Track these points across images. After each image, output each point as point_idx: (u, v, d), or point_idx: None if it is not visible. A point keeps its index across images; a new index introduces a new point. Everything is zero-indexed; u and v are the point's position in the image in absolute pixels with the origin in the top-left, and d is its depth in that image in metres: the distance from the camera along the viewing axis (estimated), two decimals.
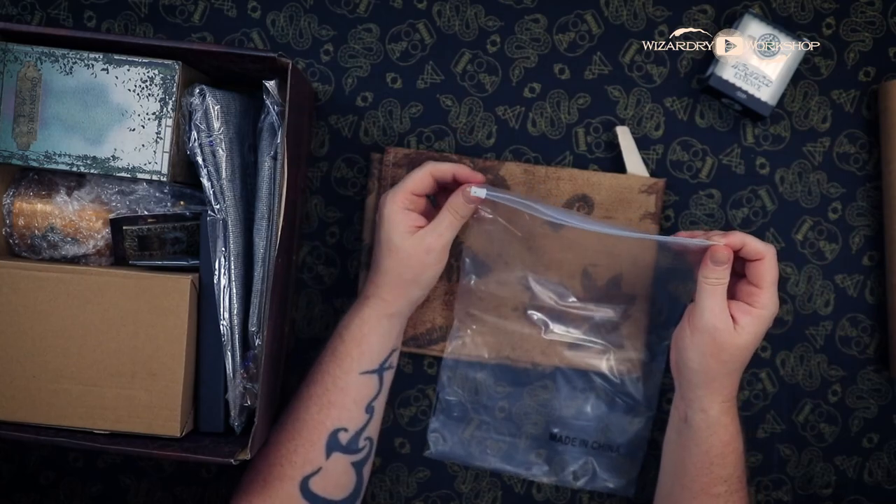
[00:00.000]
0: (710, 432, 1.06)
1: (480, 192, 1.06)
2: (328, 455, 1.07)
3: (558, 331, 1.19)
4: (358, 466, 1.09)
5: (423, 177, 1.08)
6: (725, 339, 1.03)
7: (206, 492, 1.23)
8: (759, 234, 1.21)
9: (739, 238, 1.03)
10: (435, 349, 1.21)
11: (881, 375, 1.22)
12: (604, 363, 1.20)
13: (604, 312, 1.18)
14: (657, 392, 1.19)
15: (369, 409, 1.09)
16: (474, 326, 1.19)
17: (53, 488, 1.23)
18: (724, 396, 1.06)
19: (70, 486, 1.23)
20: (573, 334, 1.19)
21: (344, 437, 1.07)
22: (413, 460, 1.23)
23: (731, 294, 1.06)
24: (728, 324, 1.03)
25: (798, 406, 1.22)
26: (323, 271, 1.23)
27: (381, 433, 1.20)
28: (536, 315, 1.20)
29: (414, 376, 1.23)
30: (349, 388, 1.08)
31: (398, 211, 1.07)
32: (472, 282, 1.19)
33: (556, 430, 1.20)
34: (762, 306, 1.03)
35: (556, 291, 1.19)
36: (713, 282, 1.03)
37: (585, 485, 1.20)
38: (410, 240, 1.07)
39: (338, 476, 1.08)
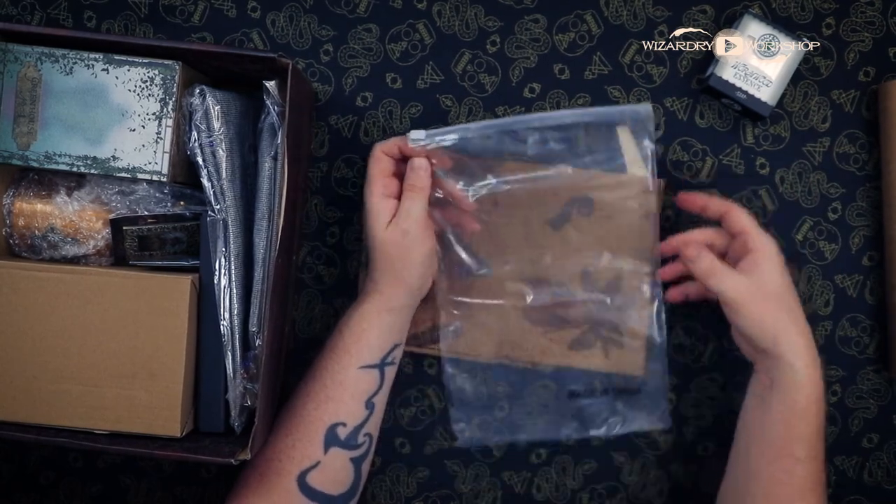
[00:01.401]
0: (797, 388, 1.04)
1: (419, 135, 1.07)
2: (326, 450, 1.07)
3: (558, 330, 1.19)
4: (356, 462, 1.09)
5: (377, 157, 1.09)
6: (754, 291, 1.06)
7: (206, 492, 1.23)
8: None
9: (700, 199, 1.13)
10: (435, 348, 1.21)
11: (881, 376, 1.22)
12: (604, 363, 1.20)
13: (602, 307, 1.18)
14: (664, 388, 1.19)
15: (369, 405, 1.09)
16: (455, 312, 1.19)
17: (53, 488, 1.23)
18: (803, 344, 1.05)
19: (70, 486, 1.23)
20: (573, 333, 1.19)
21: (342, 432, 1.07)
22: (413, 460, 1.23)
23: (733, 260, 1.10)
24: (745, 280, 1.06)
25: None
26: (323, 271, 1.23)
27: (381, 433, 1.20)
28: (536, 314, 1.20)
29: (414, 376, 1.23)
30: (347, 382, 1.08)
31: (376, 201, 1.08)
32: (467, 277, 1.18)
33: (573, 388, 1.19)
34: (759, 245, 1.07)
35: (555, 291, 1.19)
36: (709, 271, 1.08)
37: (620, 430, 1.18)
38: (389, 229, 1.07)
39: (336, 471, 1.08)
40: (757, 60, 1.17)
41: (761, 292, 1.06)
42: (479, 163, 1.12)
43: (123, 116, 1.05)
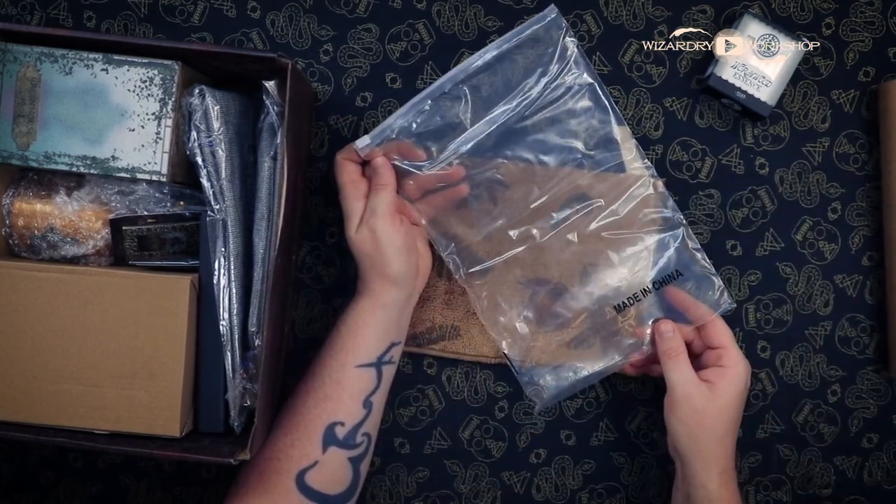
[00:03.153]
0: None
1: (363, 141, 1.09)
2: (325, 449, 1.07)
3: (557, 330, 1.19)
4: (355, 462, 1.09)
5: (340, 164, 1.11)
6: (703, 403, 1.07)
7: (206, 492, 1.23)
8: (759, 234, 1.22)
9: (683, 299, 1.14)
10: (435, 348, 1.21)
11: (880, 376, 1.22)
12: (604, 363, 1.20)
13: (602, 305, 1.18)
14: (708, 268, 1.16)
15: (367, 404, 1.09)
16: (478, 282, 1.17)
17: (53, 488, 1.23)
18: (720, 467, 1.08)
19: (70, 486, 1.23)
20: (572, 333, 1.19)
21: (340, 432, 1.07)
22: (413, 460, 1.23)
23: (701, 366, 1.12)
24: (702, 389, 1.07)
25: (797, 406, 1.22)
26: (322, 271, 1.23)
27: (381, 433, 1.20)
28: (536, 314, 1.19)
29: (414, 376, 1.23)
30: (345, 381, 1.08)
31: (347, 205, 1.10)
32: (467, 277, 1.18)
33: (616, 303, 1.17)
34: (733, 363, 1.09)
35: (555, 290, 1.19)
36: (671, 352, 1.10)
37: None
38: (358, 230, 1.08)
39: (334, 470, 1.08)
40: (757, 60, 1.17)
41: (709, 406, 1.07)
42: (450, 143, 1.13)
43: (123, 116, 1.05)
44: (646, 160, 1.14)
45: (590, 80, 1.12)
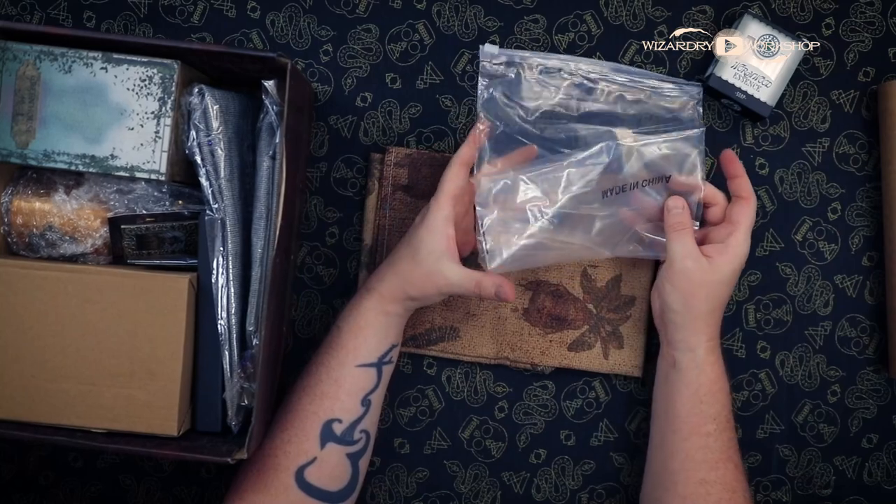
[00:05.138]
0: (698, 371, 1.10)
1: (493, 49, 1.08)
2: (323, 445, 1.07)
3: (557, 330, 1.19)
4: (353, 458, 1.09)
5: (458, 176, 1.08)
6: (702, 276, 1.08)
7: (205, 491, 1.23)
8: (759, 235, 1.21)
9: (740, 168, 1.12)
10: (434, 349, 1.21)
11: (880, 376, 1.22)
12: (604, 364, 1.20)
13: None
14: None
15: (365, 402, 1.09)
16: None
17: (53, 488, 1.23)
18: (708, 335, 1.10)
19: (70, 486, 1.23)
20: (572, 334, 1.19)
21: (338, 428, 1.07)
22: (413, 460, 1.23)
23: (705, 240, 1.12)
24: (702, 262, 1.08)
25: (797, 406, 1.22)
26: (322, 272, 1.23)
27: (381, 433, 1.20)
28: (535, 316, 1.20)
29: (414, 376, 1.23)
30: (343, 379, 1.08)
31: (442, 220, 1.06)
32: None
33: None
34: (736, 244, 1.09)
35: (554, 290, 1.19)
36: (677, 226, 1.09)
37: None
38: (446, 263, 1.06)
39: (333, 467, 1.07)
40: (756, 61, 1.17)
41: (706, 279, 1.08)
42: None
43: (122, 115, 1.05)
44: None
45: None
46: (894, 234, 1.17)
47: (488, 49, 1.07)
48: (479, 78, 1.08)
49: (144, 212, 1.09)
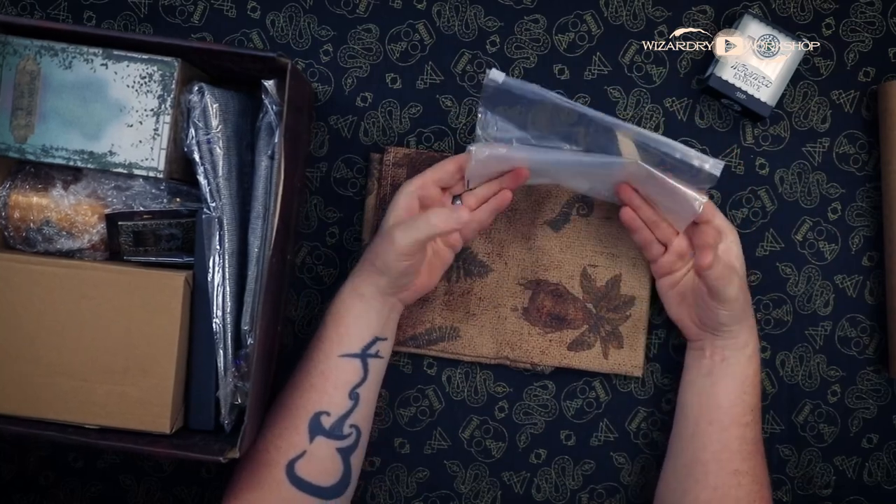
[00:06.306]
0: (748, 363, 1.12)
1: (498, 77, 1.04)
2: (312, 438, 1.06)
3: (557, 330, 1.19)
4: (344, 454, 1.09)
5: (448, 167, 1.10)
6: (736, 271, 1.09)
7: (205, 491, 1.23)
8: (759, 235, 1.21)
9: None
10: (434, 349, 1.20)
11: (880, 376, 1.21)
12: (604, 363, 1.19)
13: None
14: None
15: (353, 395, 1.09)
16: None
17: (54, 488, 1.23)
18: (752, 324, 1.13)
19: (70, 486, 1.23)
20: (572, 334, 1.19)
21: (327, 421, 1.07)
22: (413, 460, 1.23)
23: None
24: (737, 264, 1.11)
25: (797, 406, 1.22)
26: (322, 272, 1.23)
27: (381, 433, 1.20)
28: (535, 314, 1.19)
29: (414, 376, 1.23)
30: (329, 372, 1.08)
31: (405, 195, 1.09)
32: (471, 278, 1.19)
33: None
34: (727, 230, 1.11)
35: (554, 290, 1.19)
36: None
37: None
38: (393, 229, 1.05)
39: (323, 461, 1.07)
40: (757, 61, 1.17)
41: (738, 273, 1.10)
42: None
43: (121, 112, 1.05)
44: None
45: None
46: (894, 234, 1.17)
47: (494, 76, 1.04)
48: (480, 104, 1.08)
49: (142, 208, 1.09)
